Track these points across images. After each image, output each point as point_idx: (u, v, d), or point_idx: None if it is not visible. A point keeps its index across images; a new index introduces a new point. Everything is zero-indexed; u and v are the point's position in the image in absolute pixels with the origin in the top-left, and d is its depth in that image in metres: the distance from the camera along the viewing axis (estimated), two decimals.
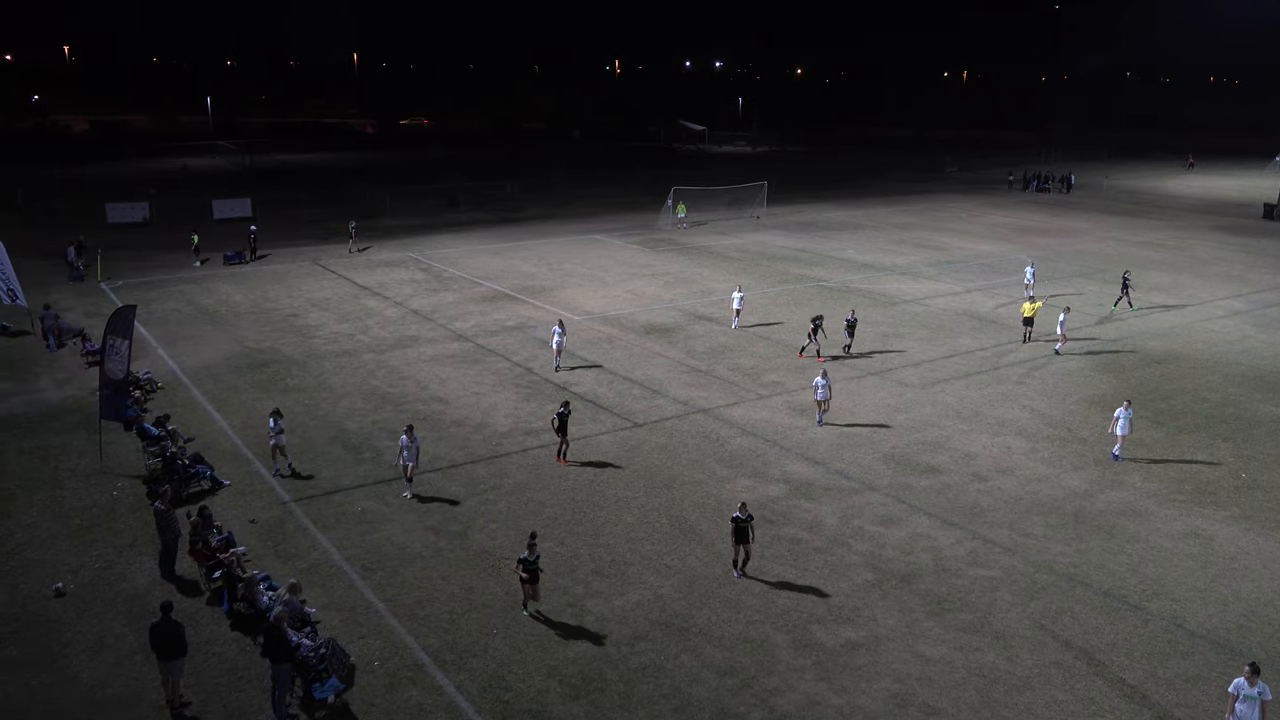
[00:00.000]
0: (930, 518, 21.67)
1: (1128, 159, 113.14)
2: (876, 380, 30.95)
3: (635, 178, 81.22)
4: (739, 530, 18.66)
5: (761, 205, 67.15)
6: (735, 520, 18.69)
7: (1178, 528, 21.32)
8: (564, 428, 24.07)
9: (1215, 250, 54.96)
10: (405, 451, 22.02)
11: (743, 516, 18.65)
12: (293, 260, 49.52)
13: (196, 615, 17.56)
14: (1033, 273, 42.25)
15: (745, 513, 18.71)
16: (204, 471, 22.96)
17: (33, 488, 22.83)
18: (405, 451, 22.02)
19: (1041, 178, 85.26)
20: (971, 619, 17.76)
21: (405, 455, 22.05)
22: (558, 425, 24.02)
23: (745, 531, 18.66)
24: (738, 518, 18.66)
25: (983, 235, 59.47)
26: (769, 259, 50.82)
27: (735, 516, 18.71)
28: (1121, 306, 40.50)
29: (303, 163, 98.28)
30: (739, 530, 18.66)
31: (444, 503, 22.11)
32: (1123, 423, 24.46)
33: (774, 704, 15.41)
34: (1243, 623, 17.69)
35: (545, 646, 16.83)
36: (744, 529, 18.64)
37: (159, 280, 44.54)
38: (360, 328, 36.80)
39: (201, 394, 29.10)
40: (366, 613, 17.83)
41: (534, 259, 50.45)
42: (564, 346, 31.74)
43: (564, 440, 24.27)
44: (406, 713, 15.16)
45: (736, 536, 18.75)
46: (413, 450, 21.96)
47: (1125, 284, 40.68)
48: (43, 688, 15.74)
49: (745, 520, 18.63)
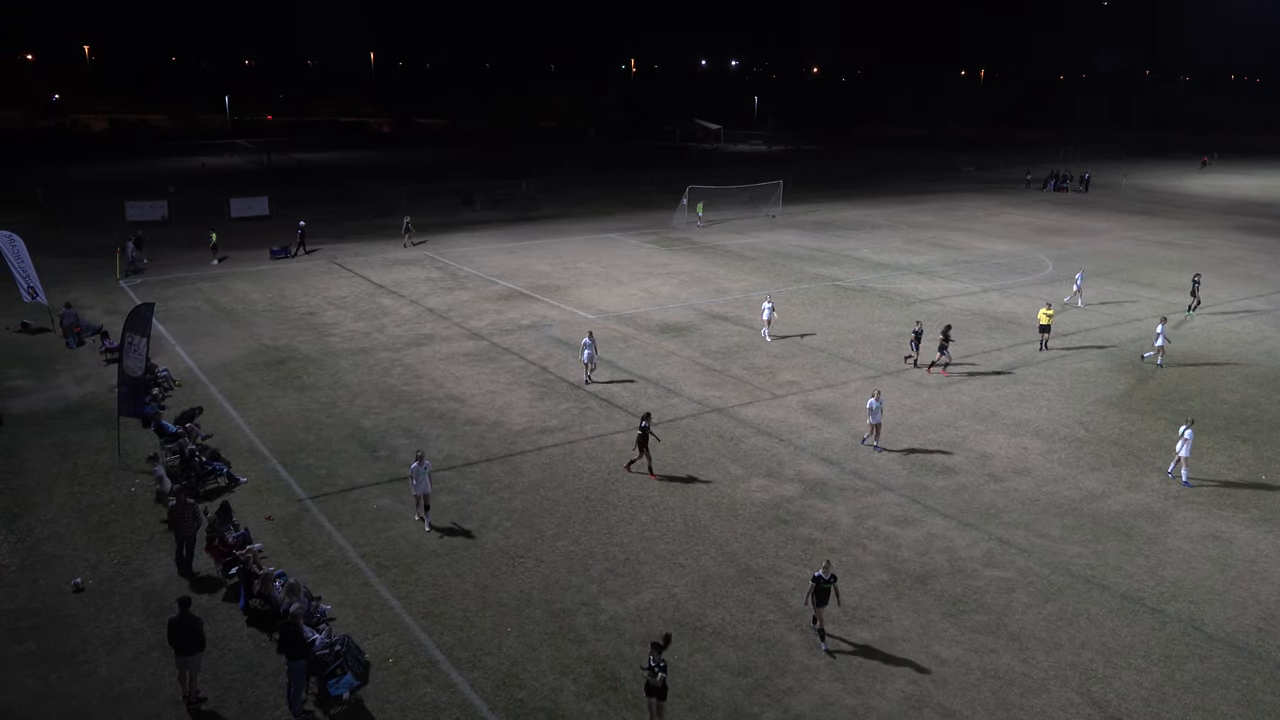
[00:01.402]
0: (946, 518, 21.58)
1: (1146, 158, 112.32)
2: (892, 380, 30.84)
3: (650, 177, 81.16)
4: (820, 591, 16.66)
5: (777, 204, 67.02)
6: (817, 580, 16.67)
7: (1196, 530, 21.16)
8: (645, 442, 23.12)
9: (1235, 250, 54.48)
10: (415, 480, 20.65)
11: (825, 576, 16.63)
12: (309, 258, 49.74)
13: (213, 611, 17.67)
14: (1082, 279, 41.11)
15: (829, 572, 16.69)
16: (221, 468, 23.10)
17: (52, 484, 23.03)
18: (415, 480, 20.65)
19: (1059, 177, 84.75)
20: (987, 620, 17.68)
21: (415, 484, 20.69)
22: (640, 440, 23.10)
23: (827, 593, 16.67)
24: (819, 577, 16.64)
25: (1000, 235, 59.16)
26: (784, 258, 50.71)
27: (817, 575, 16.69)
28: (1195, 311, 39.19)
29: (320, 161, 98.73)
30: (820, 591, 16.66)
31: (459, 501, 22.16)
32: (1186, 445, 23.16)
33: (788, 704, 15.38)
34: (1262, 626, 17.54)
35: (559, 645, 16.86)
36: (826, 590, 16.65)
37: (177, 278, 44.84)
38: (376, 326, 36.94)
39: (219, 391, 29.28)
40: (381, 610, 17.90)
41: (549, 258, 50.51)
42: (595, 359, 30.17)
43: (644, 455, 23.27)
44: (421, 710, 15.21)
45: (817, 598, 16.71)
46: (424, 479, 20.59)
47: (1195, 286, 39.48)
48: (61, 682, 15.88)
49: (829, 581, 16.64)
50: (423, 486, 20.71)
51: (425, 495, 20.85)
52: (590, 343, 30.16)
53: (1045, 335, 33.97)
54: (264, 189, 69.62)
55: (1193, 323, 38.13)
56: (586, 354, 30.02)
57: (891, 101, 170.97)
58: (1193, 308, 39.59)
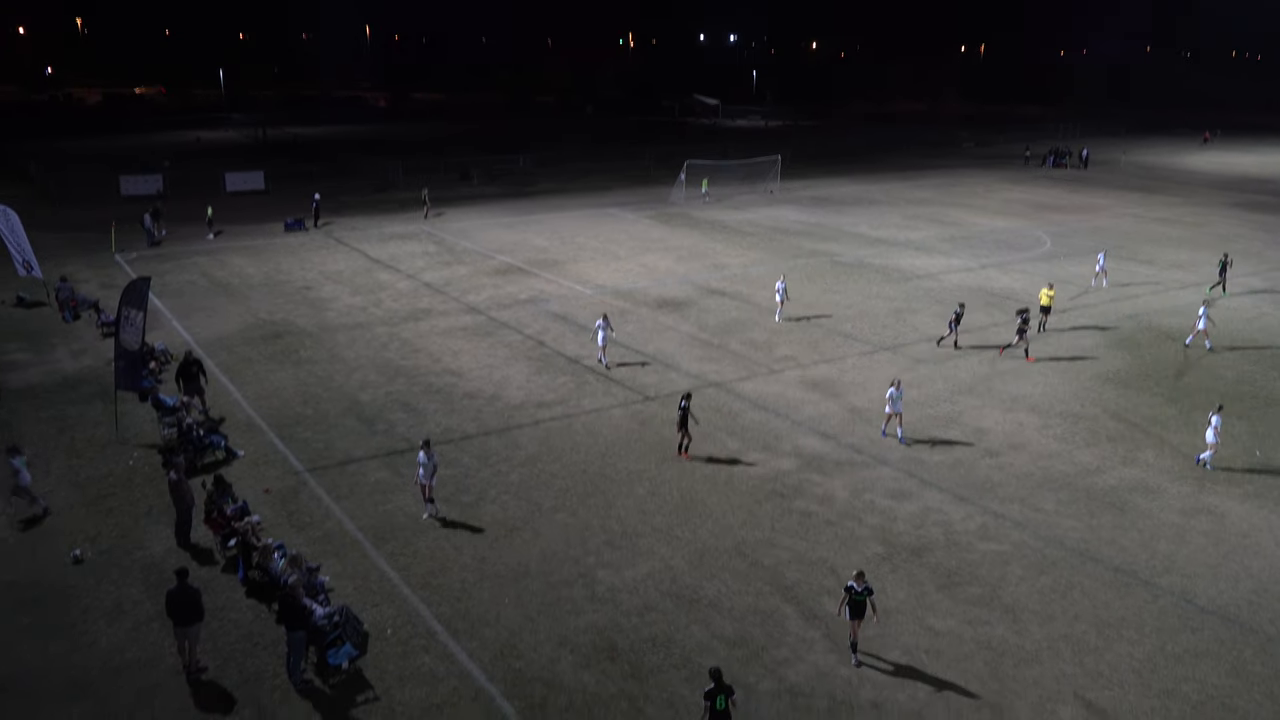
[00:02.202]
0: (941, 492, 21.69)
1: (1146, 134, 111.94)
2: (889, 355, 30.88)
3: (648, 152, 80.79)
4: (855, 604, 15.60)
5: (775, 180, 66.80)
6: (849, 591, 15.58)
7: (1190, 504, 21.28)
8: (685, 422, 22.92)
9: (1233, 227, 54.43)
10: (423, 469, 20.01)
11: (859, 589, 15.50)
12: (305, 232, 49.57)
13: (212, 583, 17.76)
14: (1105, 259, 40.16)
15: (863, 584, 15.55)
16: (218, 442, 23.15)
17: (50, 456, 23.08)
18: (423, 469, 20.01)
19: (1059, 153, 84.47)
20: (981, 593, 17.81)
21: (423, 474, 20.03)
22: (680, 420, 22.88)
23: (862, 605, 15.60)
24: (852, 588, 15.54)
25: (998, 211, 59.04)
26: (783, 234, 50.61)
27: (849, 587, 15.58)
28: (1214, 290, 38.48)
29: (315, 136, 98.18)
30: (855, 604, 15.60)
31: (456, 474, 22.22)
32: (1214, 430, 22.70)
33: (783, 675, 15.52)
34: (1253, 599, 17.68)
35: (556, 616, 16.98)
36: (861, 603, 15.59)
37: (173, 252, 44.70)
38: (373, 300, 36.90)
39: (215, 365, 29.27)
40: (380, 581, 18.00)
41: (546, 233, 50.38)
42: (609, 340, 29.44)
43: (685, 434, 23.12)
44: (419, 679, 15.34)
45: (852, 610, 15.65)
46: (430, 468, 19.99)
47: (1224, 266, 38.47)
48: (61, 653, 15.98)
49: (862, 594, 15.52)
50: (427, 476, 20.08)
51: (429, 485, 20.17)
52: (604, 324, 29.38)
53: (1044, 317, 33.27)
54: (259, 164, 69.28)
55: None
56: (600, 336, 29.21)
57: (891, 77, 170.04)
58: (1214, 287, 38.66)
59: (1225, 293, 38.50)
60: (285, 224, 50.22)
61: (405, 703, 14.82)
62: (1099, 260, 40.09)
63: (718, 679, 13.47)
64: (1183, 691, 15.19)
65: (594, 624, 16.78)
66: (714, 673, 13.57)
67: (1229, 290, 38.61)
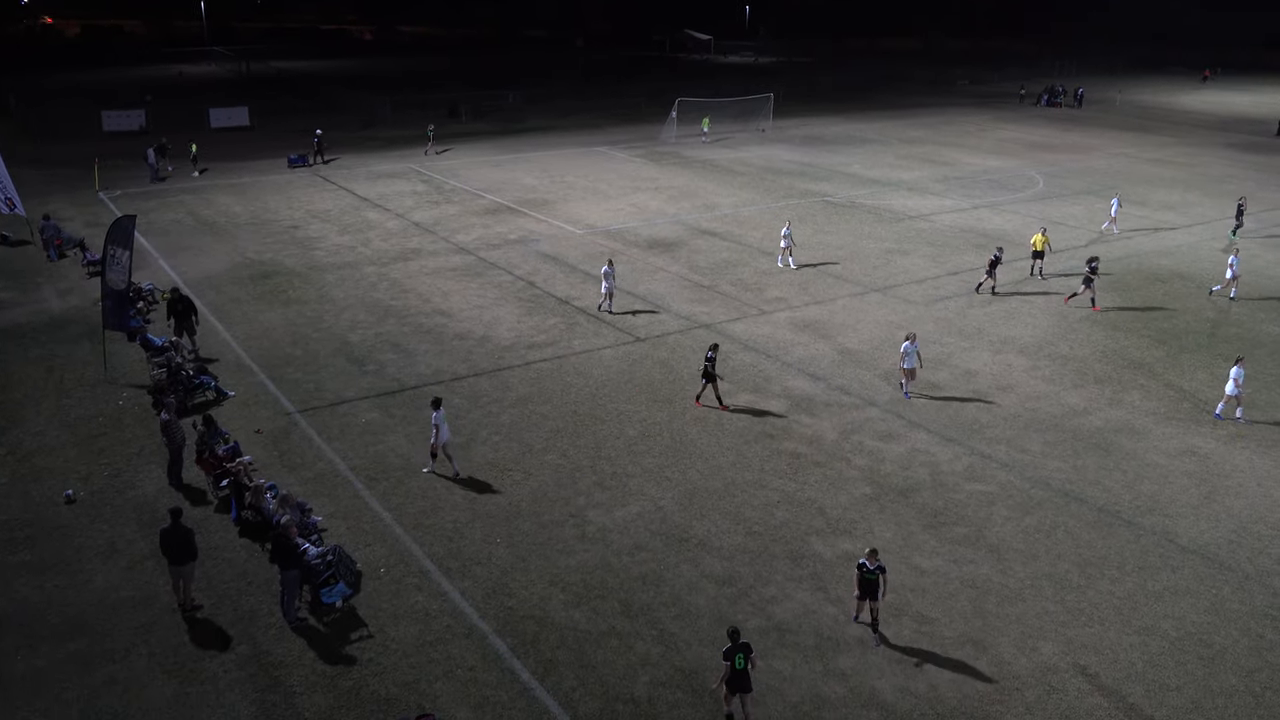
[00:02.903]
0: (929, 433, 21.87)
1: (1143, 72, 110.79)
2: (879, 296, 30.88)
3: (638, 89, 79.69)
4: (865, 583, 14.94)
5: (768, 118, 66.05)
6: (861, 569, 14.95)
7: (1174, 445, 21.52)
8: (709, 373, 22.39)
9: (1226, 168, 54.20)
10: (441, 430, 19.20)
11: (871, 566, 14.85)
12: (292, 170, 48.95)
13: (205, 523, 17.88)
14: (1118, 204, 39.23)
15: (875, 562, 14.88)
16: (208, 382, 23.12)
17: (40, 397, 23.03)
18: (441, 430, 19.20)
19: (1053, 92, 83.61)
20: (967, 532, 18.07)
21: (436, 435, 19.21)
22: (705, 371, 22.40)
23: (874, 584, 14.89)
24: (864, 565, 14.91)
25: (991, 151, 58.61)
26: (774, 173, 50.20)
27: (862, 564, 14.96)
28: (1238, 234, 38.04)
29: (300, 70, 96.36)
30: (865, 583, 14.94)
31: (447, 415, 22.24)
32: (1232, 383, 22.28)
33: (771, 612, 15.79)
34: (1233, 538, 17.99)
35: (547, 555, 17.18)
36: (872, 581, 14.90)
37: (158, 190, 44.13)
38: (361, 240, 36.60)
39: (204, 305, 29.09)
40: (372, 521, 18.15)
41: (536, 171, 49.85)
42: (614, 288, 28.81)
43: (713, 386, 22.58)
44: (412, 617, 15.56)
45: (861, 589, 15.01)
46: (444, 427, 19.23)
47: (1241, 210, 38.14)
48: (58, 590, 16.13)
49: (874, 572, 14.84)
50: (444, 435, 19.38)
51: (446, 443, 19.56)
52: (610, 271, 28.74)
53: (1038, 262, 32.74)
54: (243, 99, 68.08)
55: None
56: (605, 284, 28.56)
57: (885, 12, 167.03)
58: (1236, 230, 38.31)
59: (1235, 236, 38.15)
60: (289, 160, 49.87)
61: (399, 640, 15.05)
62: (1113, 205, 39.23)
63: (735, 638, 13.12)
64: (1162, 628, 15.53)
65: (585, 563, 17.00)
66: (732, 633, 13.23)
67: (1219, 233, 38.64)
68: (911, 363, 23.20)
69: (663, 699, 13.87)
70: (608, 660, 14.65)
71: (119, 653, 14.73)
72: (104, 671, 14.31)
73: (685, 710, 13.68)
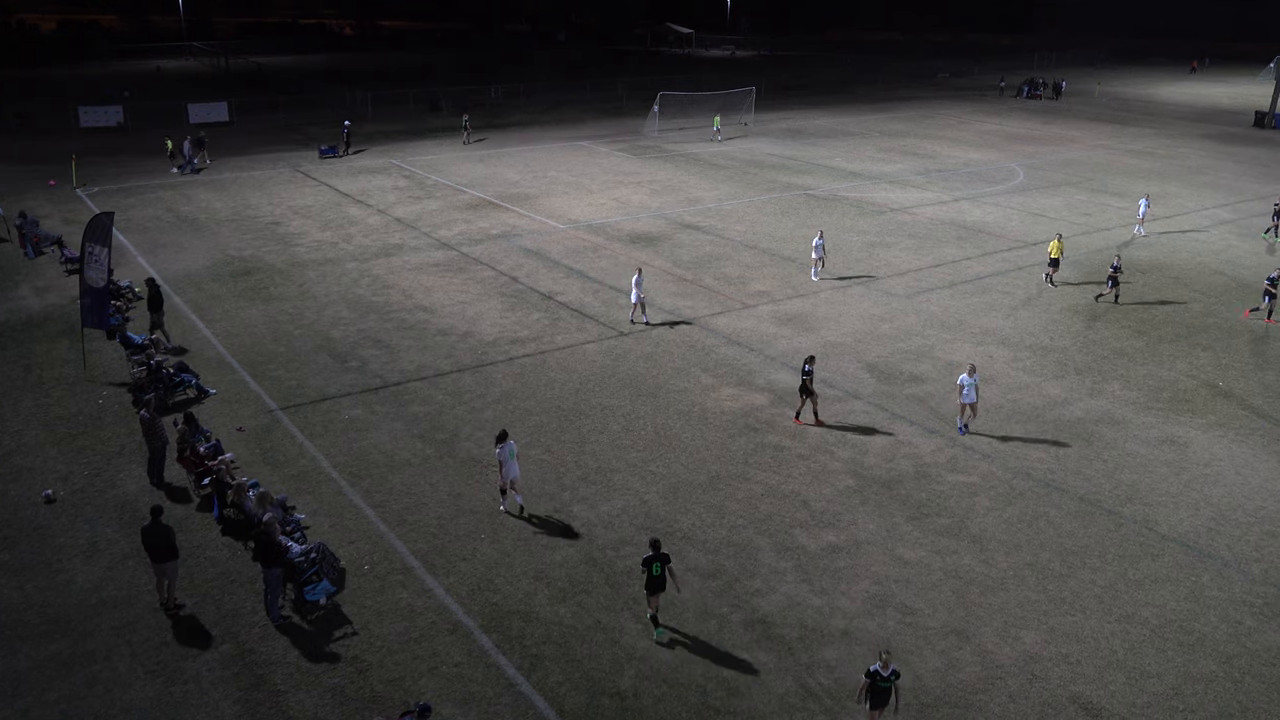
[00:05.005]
0: (912, 425, 21.97)
1: (1126, 64, 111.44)
2: (862, 289, 30.98)
3: (621, 82, 79.54)
4: (877, 691, 12.91)
5: (749, 111, 66.07)
6: (873, 676, 12.83)
7: (1154, 435, 21.71)
8: (807, 388, 21.51)
9: (1204, 159, 54.63)
10: (506, 466, 17.90)
11: (885, 674, 12.79)
12: (272, 166, 48.63)
13: (187, 521, 17.77)
14: (1147, 204, 37.64)
15: (890, 668, 12.82)
16: (189, 380, 22.94)
17: (18, 395, 22.81)
18: (506, 466, 17.90)
19: (1033, 84, 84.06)
20: (949, 523, 18.18)
21: (505, 471, 17.95)
22: (803, 386, 21.49)
23: (887, 693, 12.93)
24: (876, 673, 12.81)
25: (972, 143, 58.86)
26: (757, 167, 50.24)
27: (874, 670, 12.83)
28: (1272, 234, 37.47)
29: (279, 65, 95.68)
30: (877, 691, 12.91)
31: (430, 411, 22.23)
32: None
33: (756, 605, 15.84)
34: (1212, 526, 18.17)
35: (532, 551, 17.16)
36: (886, 691, 12.91)
37: (136, 186, 43.74)
38: (343, 236, 36.40)
39: (184, 302, 28.89)
40: (356, 518, 18.08)
41: (518, 166, 49.71)
42: (643, 299, 27.45)
43: (810, 401, 21.71)
44: (397, 614, 15.52)
45: (873, 698, 12.97)
46: (512, 463, 17.88)
47: (1278, 212, 37.16)
48: (38, 590, 15.99)
49: (889, 679, 12.82)
50: (512, 471, 17.97)
51: (515, 479, 18.20)
52: (639, 280, 27.17)
53: (1052, 270, 31.17)
54: (223, 94, 67.56)
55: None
56: (636, 294, 27.23)
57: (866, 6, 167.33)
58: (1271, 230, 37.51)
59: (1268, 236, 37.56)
60: (320, 151, 51.18)
61: (384, 637, 15.01)
62: (1141, 205, 37.71)
63: (656, 548, 14.86)
64: (1142, 616, 15.67)
65: (569, 558, 16.99)
66: (653, 542, 14.97)
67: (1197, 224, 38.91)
68: (971, 396, 21.17)
69: (648, 693, 13.90)
70: (593, 655, 14.66)
71: (101, 653, 14.62)
72: (86, 672, 14.21)
73: (670, 704, 13.71)
